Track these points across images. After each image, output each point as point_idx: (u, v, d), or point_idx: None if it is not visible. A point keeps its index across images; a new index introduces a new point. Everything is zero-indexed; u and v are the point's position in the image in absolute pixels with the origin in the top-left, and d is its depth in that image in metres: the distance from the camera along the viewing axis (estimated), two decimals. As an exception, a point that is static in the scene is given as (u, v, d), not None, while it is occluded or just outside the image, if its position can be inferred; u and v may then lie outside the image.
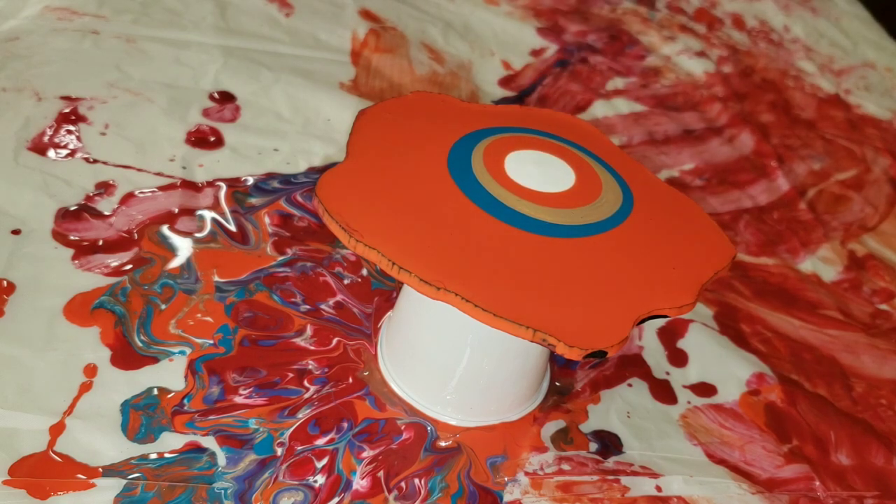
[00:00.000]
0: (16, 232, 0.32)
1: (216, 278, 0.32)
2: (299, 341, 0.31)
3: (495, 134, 0.29)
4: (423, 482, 0.28)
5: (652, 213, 0.28)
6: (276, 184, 0.37)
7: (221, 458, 0.27)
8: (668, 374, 0.34)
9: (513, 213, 0.25)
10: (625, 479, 0.29)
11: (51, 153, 0.35)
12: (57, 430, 0.27)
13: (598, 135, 0.32)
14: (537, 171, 0.27)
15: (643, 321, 0.24)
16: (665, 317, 0.25)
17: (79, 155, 0.36)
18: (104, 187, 0.35)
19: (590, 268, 0.25)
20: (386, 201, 0.25)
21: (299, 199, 0.36)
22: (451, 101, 0.31)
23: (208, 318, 0.31)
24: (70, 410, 0.27)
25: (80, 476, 0.26)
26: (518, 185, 0.26)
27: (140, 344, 0.30)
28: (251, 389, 0.29)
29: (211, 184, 0.36)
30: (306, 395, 0.30)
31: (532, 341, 0.23)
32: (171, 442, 0.27)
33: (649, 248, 0.26)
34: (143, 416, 0.28)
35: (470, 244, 0.24)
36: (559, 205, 0.26)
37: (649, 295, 0.25)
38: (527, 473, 0.29)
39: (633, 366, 0.34)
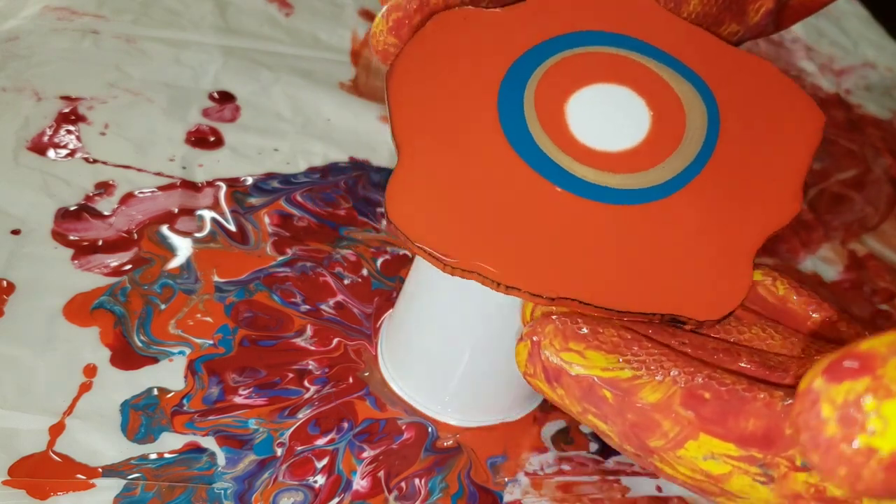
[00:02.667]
0: (15, 232, 0.32)
1: (216, 278, 0.32)
2: (299, 341, 0.31)
3: (541, 62, 0.25)
4: (423, 482, 0.28)
5: (740, 132, 0.25)
6: (275, 184, 0.37)
7: (221, 459, 0.27)
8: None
9: (587, 186, 0.23)
10: (625, 480, 0.29)
11: (50, 153, 0.35)
12: (57, 430, 0.27)
13: (661, 13, 0.27)
14: (607, 123, 0.24)
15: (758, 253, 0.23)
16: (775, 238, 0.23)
17: (78, 155, 0.36)
18: (104, 187, 0.35)
19: (681, 226, 0.23)
20: (455, 203, 0.22)
21: (299, 199, 0.36)
22: (476, 15, 0.26)
23: (208, 319, 0.31)
24: (70, 410, 0.27)
25: (79, 476, 0.26)
26: (589, 149, 0.24)
27: (140, 344, 0.30)
28: (251, 390, 0.29)
29: (211, 184, 0.36)
30: (306, 396, 0.30)
31: (661, 322, 0.21)
32: (170, 442, 0.27)
33: (736, 178, 0.24)
34: (142, 416, 0.28)
35: (554, 234, 0.22)
36: (637, 167, 0.24)
37: (757, 222, 0.23)
38: (527, 474, 0.29)
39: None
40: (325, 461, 0.28)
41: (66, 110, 0.37)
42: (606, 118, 0.24)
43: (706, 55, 0.27)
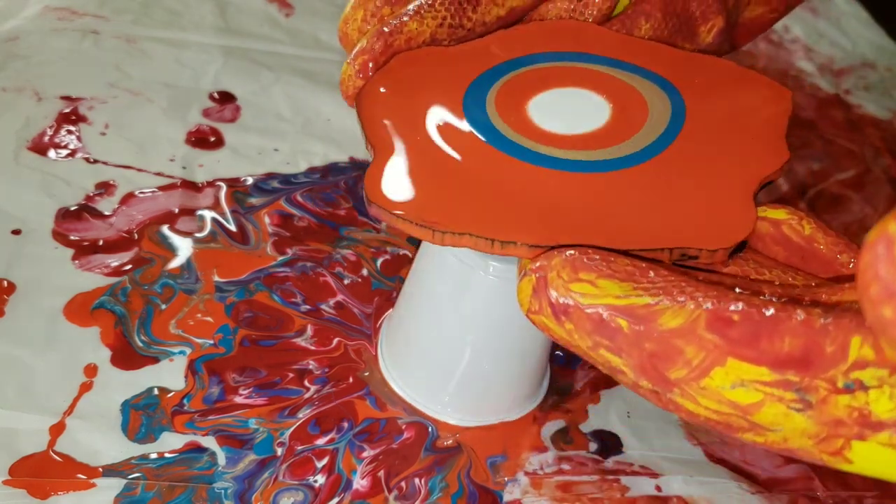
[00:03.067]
0: (16, 232, 0.32)
1: (216, 278, 0.32)
2: (300, 341, 0.31)
3: (502, 76, 0.27)
4: (423, 482, 0.28)
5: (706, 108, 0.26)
6: (276, 184, 0.37)
7: (221, 458, 0.27)
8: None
9: (561, 161, 0.23)
10: (624, 479, 0.29)
11: (51, 153, 0.35)
12: (57, 430, 0.27)
13: (613, 35, 0.29)
14: (568, 115, 0.25)
15: (758, 192, 0.23)
16: (771, 182, 0.23)
17: (79, 155, 0.36)
18: (104, 187, 0.35)
19: (672, 179, 0.23)
20: (434, 183, 0.23)
21: (299, 198, 0.36)
22: (438, 51, 0.27)
23: (208, 318, 0.31)
24: (70, 410, 0.27)
25: (80, 476, 0.26)
26: (554, 134, 0.24)
27: (140, 344, 0.30)
28: (251, 389, 0.29)
29: (211, 184, 0.36)
30: (306, 396, 0.30)
31: (671, 261, 0.21)
32: (171, 442, 0.27)
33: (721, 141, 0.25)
34: (143, 416, 0.28)
35: (540, 201, 0.22)
36: (604, 144, 0.24)
37: (748, 170, 0.23)
38: (527, 473, 0.29)
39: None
40: (325, 461, 0.28)
41: (67, 110, 0.37)
42: (567, 111, 0.25)
43: (664, 59, 0.28)
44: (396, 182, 0.23)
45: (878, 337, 0.15)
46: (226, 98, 0.40)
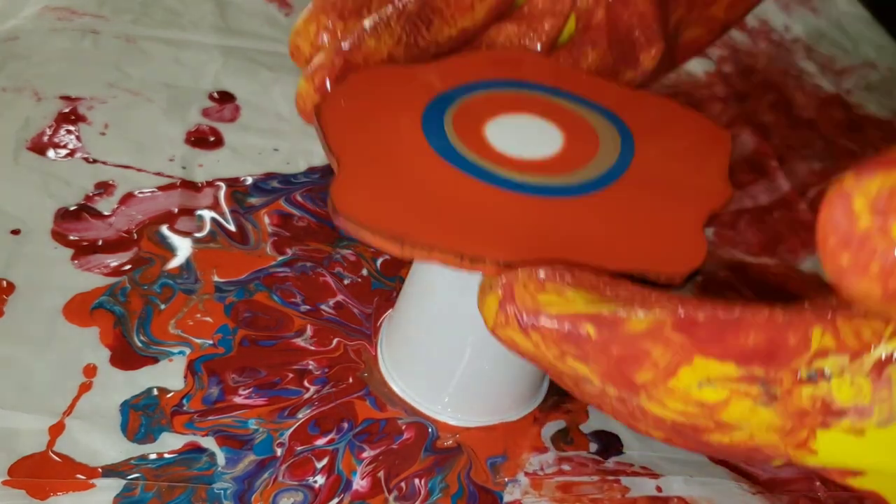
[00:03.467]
0: (15, 232, 0.32)
1: (216, 278, 0.32)
2: (299, 341, 0.31)
3: (457, 99, 0.28)
4: (423, 482, 0.28)
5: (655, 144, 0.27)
6: (275, 184, 0.37)
7: (221, 459, 0.27)
8: (668, 374, 0.34)
9: (521, 185, 0.24)
10: (625, 480, 0.29)
11: (50, 153, 0.35)
12: (56, 430, 0.27)
13: (565, 71, 0.30)
14: (524, 140, 0.26)
15: (706, 224, 0.24)
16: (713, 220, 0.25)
17: (78, 155, 0.36)
18: (104, 187, 0.35)
19: (624, 209, 0.24)
20: (400, 200, 0.23)
21: (299, 198, 0.36)
22: (396, 69, 0.28)
23: (208, 319, 0.31)
24: (70, 410, 0.27)
25: (79, 476, 0.26)
26: (513, 158, 0.25)
27: (139, 344, 0.30)
28: (251, 390, 0.29)
29: (211, 184, 0.36)
30: (306, 396, 0.30)
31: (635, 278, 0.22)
32: (170, 442, 0.27)
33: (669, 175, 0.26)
34: (142, 416, 0.28)
35: (503, 222, 0.23)
36: (559, 171, 0.25)
37: (696, 203, 0.24)
38: (527, 474, 0.29)
39: (634, 366, 0.33)
40: (324, 461, 0.28)
41: (66, 110, 0.37)
42: (522, 137, 0.26)
43: (611, 94, 0.29)
44: (362, 195, 0.23)
45: (837, 288, 0.16)
46: (225, 98, 0.40)
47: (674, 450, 0.31)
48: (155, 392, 0.29)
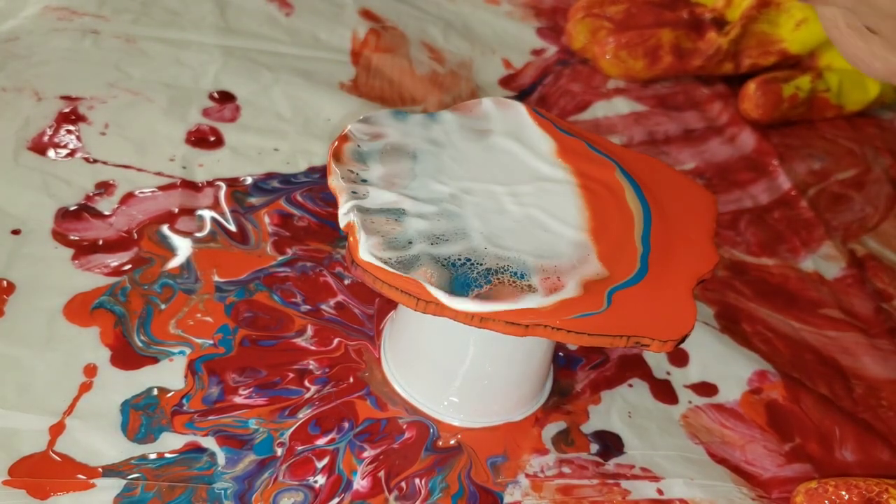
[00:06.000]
0: (16, 232, 0.32)
1: (216, 278, 0.32)
2: (300, 341, 0.31)
3: None
4: (423, 482, 0.28)
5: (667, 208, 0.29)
6: (275, 183, 0.37)
7: (221, 459, 0.27)
8: (668, 373, 0.34)
9: None
10: (625, 483, 0.29)
11: (51, 153, 0.35)
12: (57, 430, 0.27)
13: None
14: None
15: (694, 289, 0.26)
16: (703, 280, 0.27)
17: (79, 155, 0.36)
18: (104, 187, 0.35)
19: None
20: None
21: (299, 198, 0.36)
22: None
23: (208, 318, 0.31)
24: (70, 410, 0.27)
25: (80, 476, 0.26)
26: None
27: (140, 344, 0.30)
28: (251, 389, 0.29)
29: (211, 183, 0.36)
30: (307, 396, 0.30)
31: (627, 346, 0.24)
32: (170, 442, 0.27)
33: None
34: (142, 416, 0.28)
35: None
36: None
37: (685, 270, 0.26)
38: (527, 475, 0.29)
39: (634, 366, 0.33)
40: (325, 461, 0.28)
41: (66, 110, 0.37)
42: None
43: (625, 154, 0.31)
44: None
45: None
46: (226, 98, 0.40)
47: (674, 449, 0.31)
48: (155, 392, 0.29)
